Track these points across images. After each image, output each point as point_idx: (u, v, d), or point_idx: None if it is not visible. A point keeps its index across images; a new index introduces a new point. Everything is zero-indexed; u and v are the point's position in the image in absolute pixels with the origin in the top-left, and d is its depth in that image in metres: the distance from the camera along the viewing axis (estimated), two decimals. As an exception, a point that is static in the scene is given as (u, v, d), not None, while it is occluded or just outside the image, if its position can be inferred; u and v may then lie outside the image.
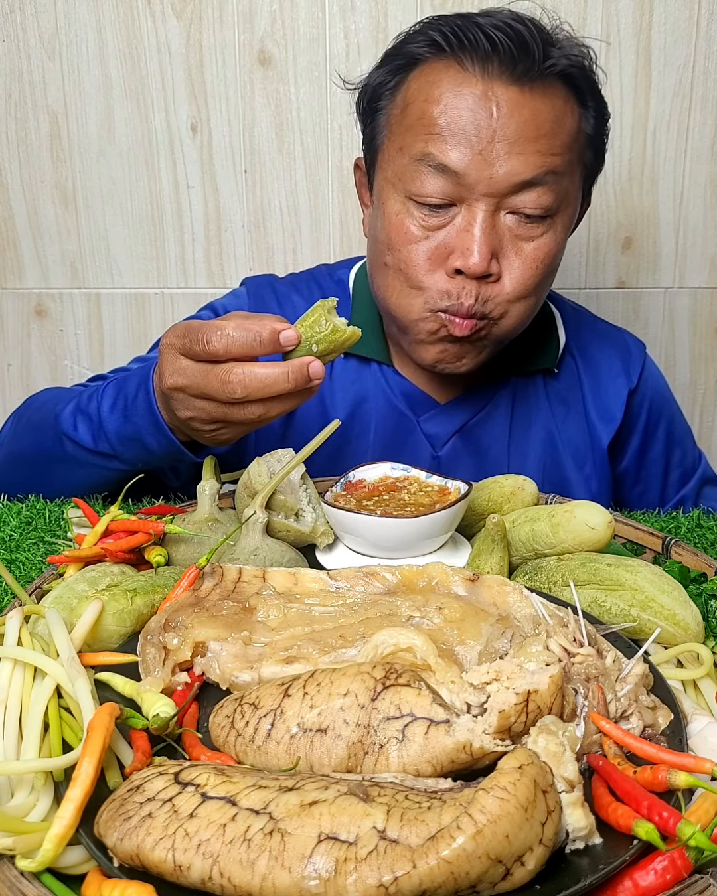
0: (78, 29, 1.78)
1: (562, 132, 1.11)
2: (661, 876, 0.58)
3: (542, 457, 1.35)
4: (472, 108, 1.08)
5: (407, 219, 1.13)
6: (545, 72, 1.09)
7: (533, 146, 1.08)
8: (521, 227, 1.12)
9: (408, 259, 1.13)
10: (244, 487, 1.05)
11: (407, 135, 1.12)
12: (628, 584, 0.87)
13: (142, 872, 0.59)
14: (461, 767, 0.64)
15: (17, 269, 1.92)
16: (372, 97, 1.19)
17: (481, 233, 1.09)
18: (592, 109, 1.16)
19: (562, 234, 1.16)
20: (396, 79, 1.15)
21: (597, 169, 1.22)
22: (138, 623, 0.85)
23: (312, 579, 0.89)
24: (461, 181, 1.09)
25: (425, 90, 1.11)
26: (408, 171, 1.12)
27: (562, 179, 1.12)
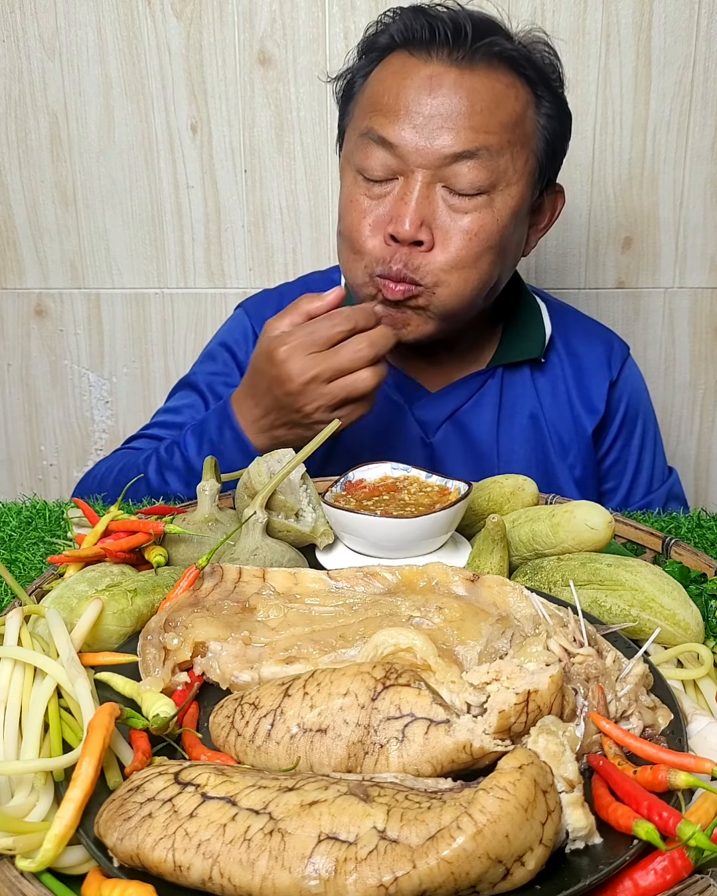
0: (78, 29, 1.78)
1: (500, 112, 1.18)
2: (661, 876, 0.58)
3: (528, 443, 1.40)
4: (413, 87, 1.17)
5: (355, 189, 1.23)
6: (483, 54, 1.17)
7: (466, 122, 1.16)
8: (455, 199, 1.18)
9: (353, 226, 1.22)
10: (244, 487, 1.05)
11: (359, 115, 1.24)
12: (628, 584, 0.87)
13: (142, 872, 0.59)
14: (461, 767, 0.64)
15: (17, 269, 1.92)
16: (348, 83, 1.29)
17: (414, 201, 1.17)
18: (545, 101, 1.23)
19: (503, 212, 1.21)
20: (367, 67, 1.25)
21: (554, 160, 1.28)
22: (138, 623, 0.85)
23: (312, 579, 0.89)
24: (398, 153, 1.17)
25: (381, 76, 1.22)
26: (357, 147, 1.22)
27: (498, 158, 1.18)
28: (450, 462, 1.39)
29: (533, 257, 1.89)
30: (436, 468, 1.35)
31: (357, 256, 1.23)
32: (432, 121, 1.16)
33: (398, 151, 1.17)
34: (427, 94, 1.16)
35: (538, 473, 1.37)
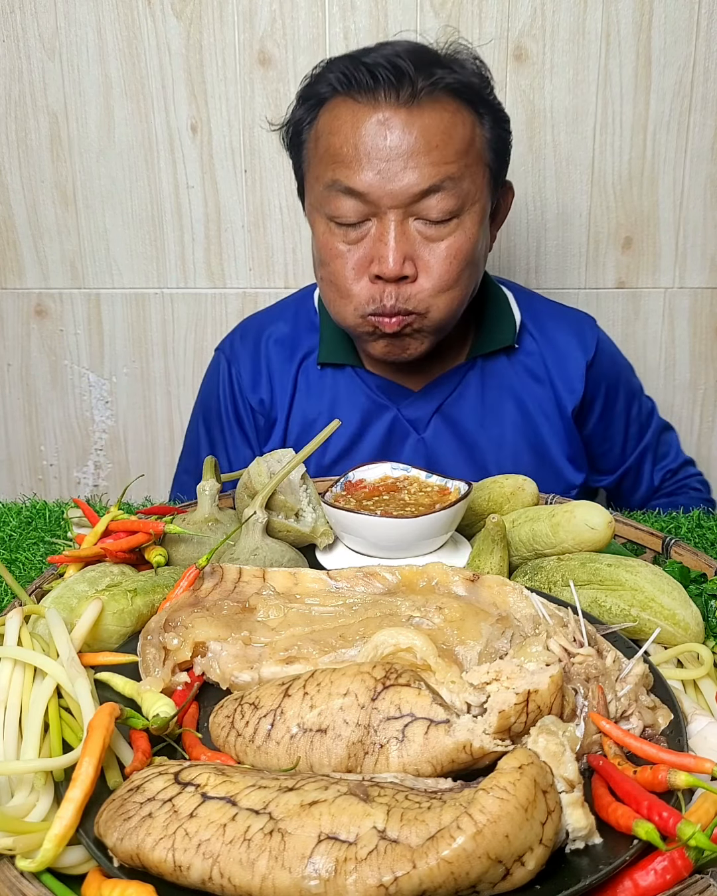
0: (78, 29, 1.77)
1: (454, 141, 1.22)
2: (661, 876, 0.58)
3: (516, 426, 1.46)
4: (368, 134, 1.21)
5: (331, 237, 1.27)
6: (429, 92, 1.21)
7: (426, 159, 1.20)
8: (430, 230, 1.24)
9: (336, 272, 1.28)
10: (244, 487, 1.05)
11: (319, 165, 1.27)
12: (628, 584, 0.87)
13: (142, 872, 0.59)
14: (461, 767, 0.64)
15: (17, 269, 1.92)
16: (294, 132, 1.32)
17: (393, 241, 1.22)
18: (486, 116, 1.28)
19: (472, 229, 1.26)
20: (310, 115, 1.29)
21: (503, 165, 1.33)
22: (138, 623, 0.85)
23: (312, 579, 0.89)
24: (368, 199, 1.22)
25: (329, 124, 1.25)
26: (324, 197, 1.26)
27: (461, 183, 1.24)
28: (444, 454, 1.44)
29: (533, 257, 1.89)
30: (431, 462, 1.41)
31: (346, 300, 1.28)
32: (394, 164, 1.20)
33: (368, 198, 1.22)
34: (383, 139, 1.21)
35: (529, 452, 1.45)
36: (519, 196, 1.85)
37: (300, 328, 1.48)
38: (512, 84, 1.79)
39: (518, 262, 1.91)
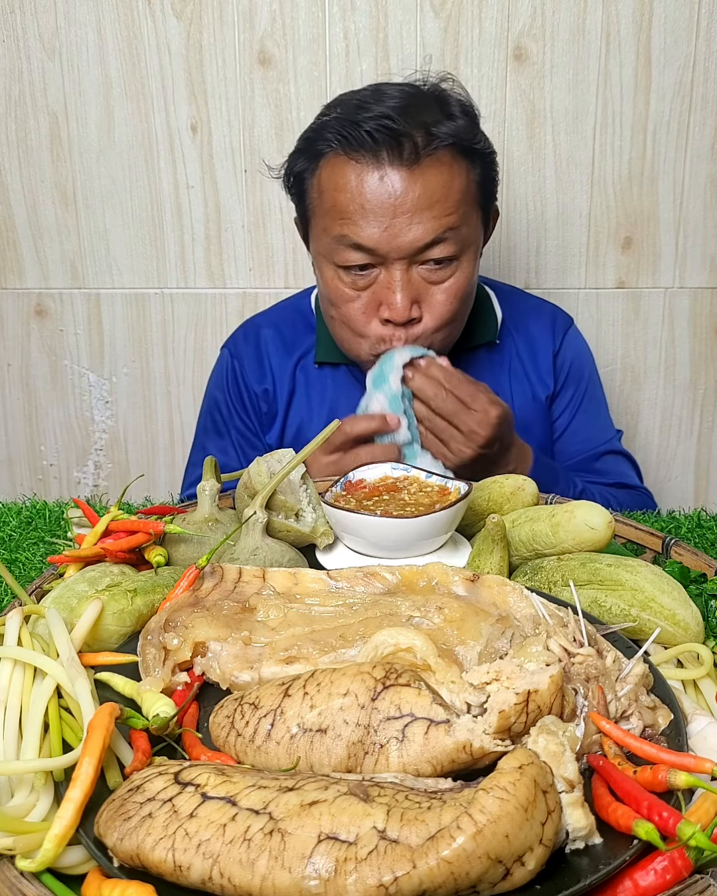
0: (78, 29, 1.78)
1: (452, 193, 1.30)
2: (661, 876, 0.58)
3: None
4: (372, 192, 1.28)
5: (340, 283, 1.35)
6: (427, 150, 1.27)
7: (429, 213, 1.28)
8: (432, 275, 1.32)
9: (348, 315, 1.36)
10: (244, 487, 1.05)
11: (326, 218, 1.34)
12: (628, 584, 0.87)
13: (142, 872, 0.59)
14: (461, 767, 0.64)
15: (17, 269, 1.92)
16: (296, 180, 1.39)
17: (400, 288, 1.30)
18: (477, 159, 1.34)
19: (469, 268, 1.35)
20: (311, 166, 1.35)
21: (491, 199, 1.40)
22: (138, 623, 0.85)
23: (312, 579, 0.89)
24: (375, 252, 1.30)
25: (333, 180, 1.31)
26: (332, 249, 1.34)
27: (460, 230, 1.31)
28: None
29: (533, 257, 1.90)
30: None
31: (359, 339, 1.37)
32: (399, 220, 1.27)
33: (376, 252, 1.29)
34: (388, 197, 1.27)
35: None
36: (519, 196, 1.86)
37: (298, 328, 1.54)
38: (512, 84, 1.79)
39: (518, 262, 1.91)
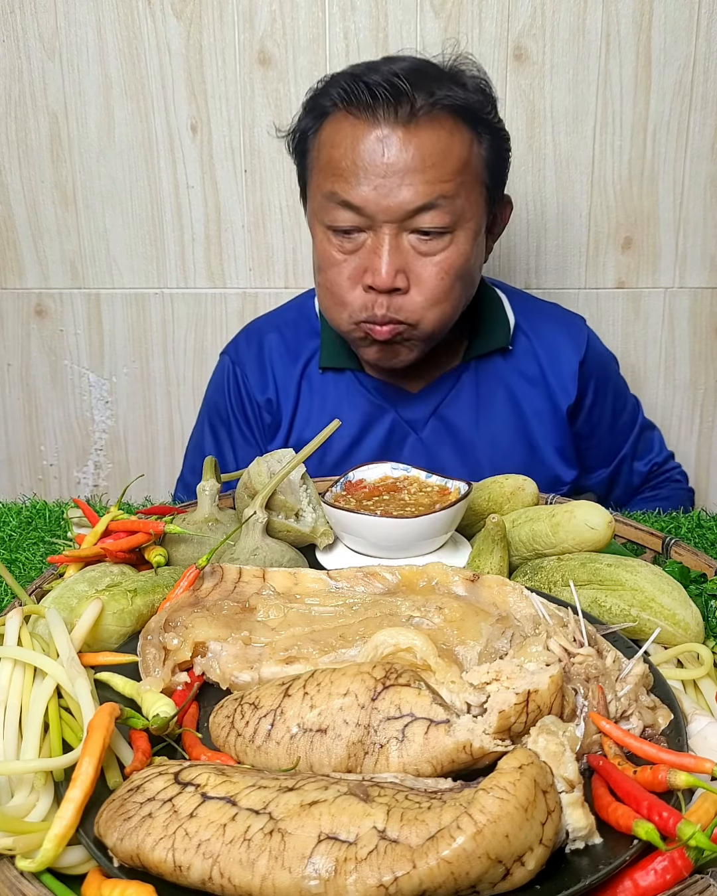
0: (78, 29, 1.77)
1: (450, 160, 1.25)
2: (661, 876, 0.58)
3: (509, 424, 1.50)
4: (366, 150, 1.24)
5: (328, 246, 1.31)
6: (427, 111, 1.24)
7: (421, 177, 1.24)
8: (423, 245, 1.27)
9: (332, 280, 1.32)
10: (244, 487, 1.05)
11: (320, 176, 1.31)
12: (628, 584, 0.87)
13: (142, 872, 0.59)
14: (461, 767, 0.64)
15: (17, 269, 1.92)
16: (299, 140, 1.35)
17: (387, 254, 1.26)
18: (486, 135, 1.30)
19: (465, 245, 1.30)
20: (315, 125, 1.32)
21: (500, 183, 1.36)
22: (138, 623, 0.85)
23: (312, 579, 0.89)
24: (363, 213, 1.25)
25: (331, 137, 1.28)
26: (323, 207, 1.30)
27: (455, 201, 1.26)
28: (441, 454, 1.48)
29: (533, 257, 1.89)
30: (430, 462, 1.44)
31: (340, 307, 1.32)
32: (390, 180, 1.23)
33: (364, 212, 1.25)
34: (381, 155, 1.24)
35: (522, 450, 1.49)
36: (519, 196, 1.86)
37: (301, 333, 1.51)
38: (512, 84, 1.79)
39: (518, 262, 1.91)
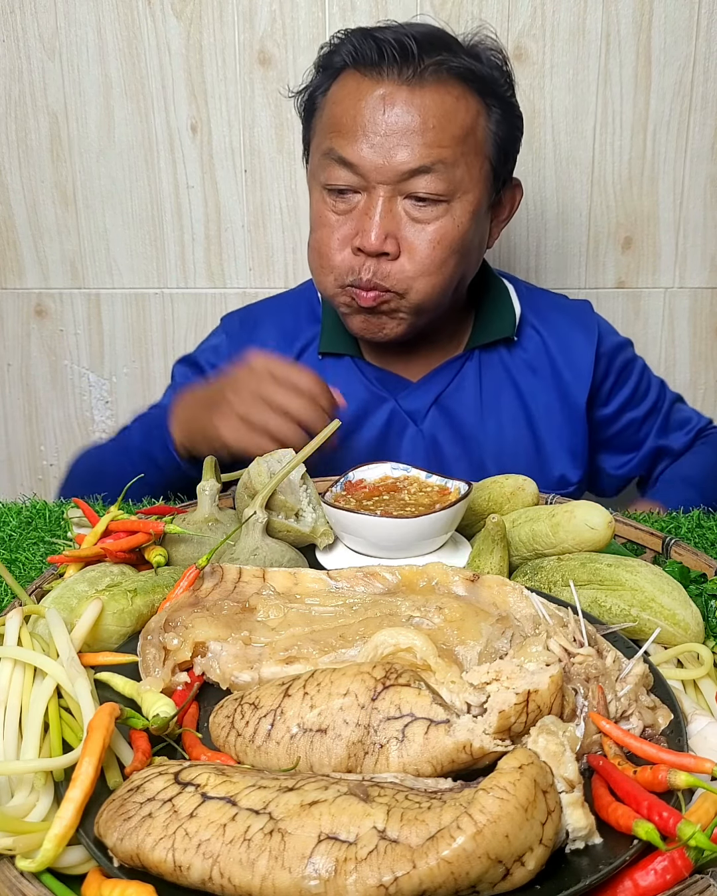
0: (78, 29, 1.77)
1: (452, 126, 1.23)
2: (661, 876, 0.58)
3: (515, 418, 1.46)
4: (368, 107, 1.22)
5: (323, 206, 1.28)
6: (432, 71, 1.22)
7: (421, 138, 1.21)
8: (417, 211, 1.24)
9: (322, 240, 1.29)
10: (244, 487, 1.05)
11: (321, 134, 1.29)
12: (628, 584, 0.87)
13: (142, 872, 0.59)
14: (461, 767, 0.64)
15: (17, 269, 1.92)
16: (309, 98, 1.34)
17: (378, 215, 1.23)
18: (495, 108, 1.28)
19: (462, 217, 1.26)
20: (325, 84, 1.31)
21: (507, 162, 1.33)
22: (138, 623, 0.85)
23: (313, 579, 0.89)
24: (358, 171, 1.23)
25: (336, 95, 1.27)
26: (320, 166, 1.28)
27: (454, 169, 1.23)
28: (442, 446, 1.43)
29: (533, 257, 1.89)
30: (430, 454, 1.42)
31: (327, 269, 1.29)
32: (388, 139, 1.21)
33: (359, 170, 1.23)
34: (381, 113, 1.21)
35: (527, 445, 1.45)
36: (519, 196, 1.85)
37: (301, 318, 1.48)
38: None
39: (518, 261, 1.91)
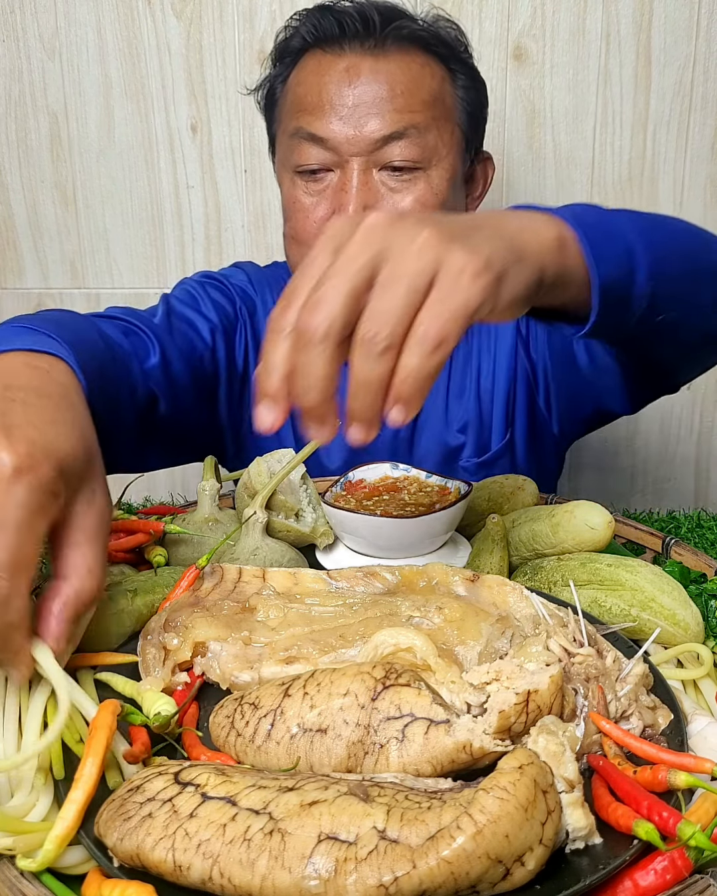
0: (78, 29, 1.78)
1: (420, 91, 1.22)
2: (661, 876, 0.58)
3: (471, 409, 1.40)
4: (332, 81, 1.21)
5: (295, 190, 1.25)
6: (394, 39, 1.21)
7: (390, 105, 1.20)
8: (394, 181, 1.21)
9: (299, 226, 1.25)
10: (244, 487, 1.05)
11: (286, 119, 1.26)
12: (628, 584, 0.87)
13: (142, 872, 0.59)
14: (461, 767, 0.64)
15: (17, 269, 1.92)
16: (269, 90, 1.32)
17: (355, 188, 1.20)
18: (460, 74, 1.28)
19: (440, 185, 1.24)
20: (285, 72, 1.29)
21: (477, 130, 1.32)
22: (138, 623, 0.85)
23: (312, 579, 0.89)
24: (330, 145, 1.20)
25: (298, 77, 1.25)
26: (289, 148, 1.25)
27: (426, 134, 1.22)
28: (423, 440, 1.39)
29: (533, 257, 1.89)
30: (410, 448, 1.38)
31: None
32: (357, 110, 1.19)
33: (330, 144, 1.20)
34: (347, 85, 1.20)
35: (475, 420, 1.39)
36: (519, 196, 1.86)
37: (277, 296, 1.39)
38: (512, 84, 1.79)
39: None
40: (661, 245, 0.84)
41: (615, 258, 0.76)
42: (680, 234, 0.92)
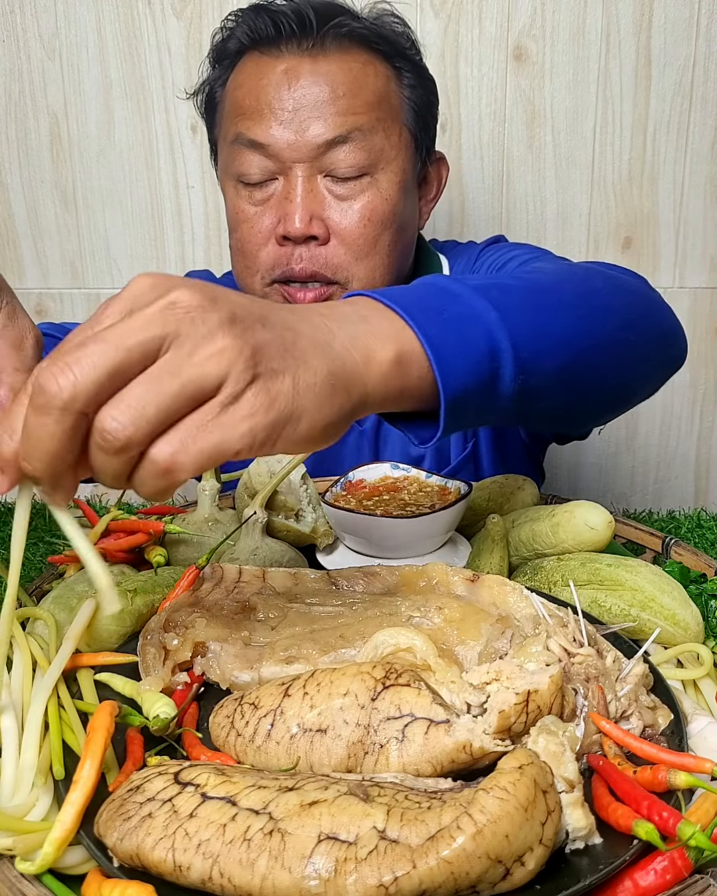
0: (78, 29, 1.78)
1: (363, 92, 1.16)
2: (661, 876, 0.58)
3: None
4: (272, 85, 1.15)
5: (239, 200, 1.20)
6: (333, 38, 1.16)
7: (332, 108, 1.14)
8: (339, 188, 1.17)
9: (243, 237, 1.20)
10: (244, 487, 1.05)
11: (226, 124, 1.21)
12: (628, 584, 0.87)
13: (142, 872, 0.59)
14: (461, 767, 0.64)
15: (17, 269, 1.92)
16: (208, 95, 1.26)
17: (299, 196, 1.15)
18: (406, 72, 1.22)
19: (389, 190, 1.19)
20: (224, 75, 1.24)
21: (427, 130, 1.26)
22: (138, 623, 0.85)
23: (313, 579, 0.89)
24: (271, 152, 1.15)
25: (237, 80, 1.20)
26: (230, 156, 1.20)
27: (372, 137, 1.17)
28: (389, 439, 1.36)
29: (533, 257, 1.89)
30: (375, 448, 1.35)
31: (252, 269, 1.20)
32: (298, 114, 1.15)
33: (271, 150, 1.16)
34: (287, 88, 1.15)
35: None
36: (519, 196, 1.86)
37: None
38: (512, 84, 1.79)
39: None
40: (544, 331, 0.72)
41: (472, 365, 0.66)
42: (593, 308, 0.80)
